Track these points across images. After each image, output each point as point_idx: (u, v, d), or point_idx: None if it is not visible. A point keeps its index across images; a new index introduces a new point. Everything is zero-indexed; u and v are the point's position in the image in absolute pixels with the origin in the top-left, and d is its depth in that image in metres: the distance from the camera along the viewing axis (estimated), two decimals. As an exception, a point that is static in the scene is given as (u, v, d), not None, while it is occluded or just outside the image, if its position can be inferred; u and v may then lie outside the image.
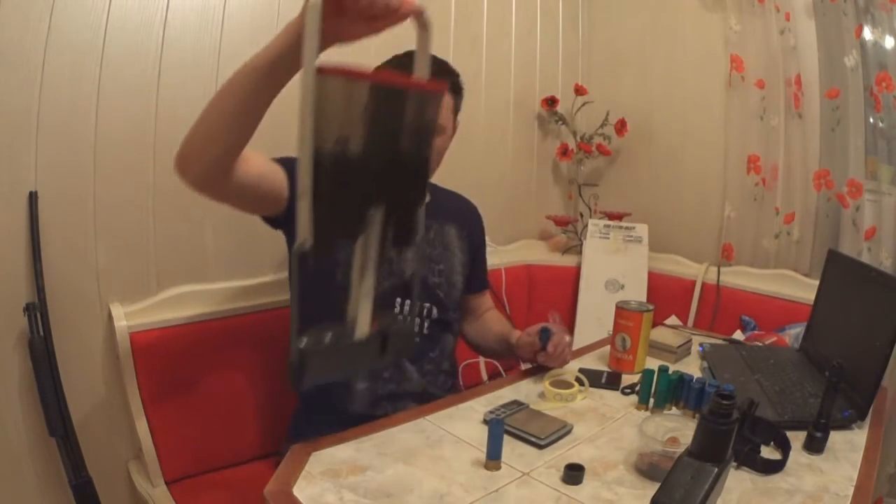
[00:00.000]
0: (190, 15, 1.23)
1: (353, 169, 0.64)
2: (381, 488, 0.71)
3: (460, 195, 1.30)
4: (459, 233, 1.22)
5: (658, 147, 2.02)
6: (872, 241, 1.56)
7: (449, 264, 1.18)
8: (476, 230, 1.29)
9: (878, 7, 1.52)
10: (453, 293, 1.18)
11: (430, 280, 1.14)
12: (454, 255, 1.19)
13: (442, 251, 1.17)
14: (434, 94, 0.73)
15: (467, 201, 1.31)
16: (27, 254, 1.08)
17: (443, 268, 1.16)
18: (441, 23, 1.73)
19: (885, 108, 1.50)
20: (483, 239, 1.33)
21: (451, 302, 1.18)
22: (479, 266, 1.30)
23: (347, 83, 0.61)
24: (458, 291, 1.20)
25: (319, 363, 0.66)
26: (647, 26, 2.02)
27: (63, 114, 1.10)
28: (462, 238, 1.22)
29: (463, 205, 1.29)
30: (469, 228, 1.26)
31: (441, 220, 1.18)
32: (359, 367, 0.71)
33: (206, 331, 1.23)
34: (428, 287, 1.14)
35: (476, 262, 1.27)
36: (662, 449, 0.74)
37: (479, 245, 1.30)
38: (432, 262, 1.15)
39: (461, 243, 1.22)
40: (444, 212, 1.19)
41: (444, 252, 1.17)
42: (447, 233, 1.19)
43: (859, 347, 0.99)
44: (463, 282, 1.21)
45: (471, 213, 1.31)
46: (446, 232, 1.19)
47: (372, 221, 0.69)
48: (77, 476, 1.11)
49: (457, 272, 1.19)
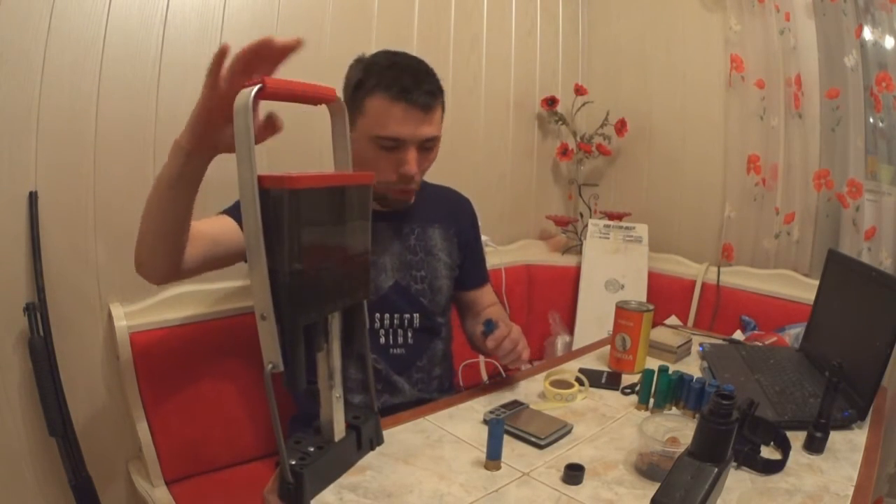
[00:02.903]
0: (190, 15, 1.23)
1: (311, 280, 0.64)
2: (381, 488, 0.71)
3: (449, 189, 1.25)
4: (445, 233, 1.18)
5: (658, 147, 2.02)
6: (872, 241, 1.56)
7: (431, 269, 1.14)
8: (466, 225, 1.23)
9: (878, 7, 1.52)
10: (438, 298, 1.14)
11: (413, 288, 1.11)
12: (438, 259, 1.15)
13: (424, 256, 1.14)
14: (366, 185, 0.74)
15: (456, 196, 1.26)
16: (27, 254, 1.08)
17: (424, 274, 1.13)
18: (441, 23, 1.73)
19: (885, 108, 1.50)
20: (476, 233, 1.27)
21: (436, 307, 1.14)
22: (473, 261, 1.24)
23: (287, 191, 0.60)
24: (444, 296, 1.16)
25: (313, 476, 0.68)
26: (647, 26, 2.02)
27: (63, 114, 1.10)
28: (448, 238, 1.18)
29: (451, 201, 1.24)
30: (457, 226, 1.21)
31: (424, 222, 1.15)
32: (343, 467, 0.75)
33: (206, 331, 1.23)
34: (410, 295, 1.10)
35: (469, 257, 1.23)
36: (662, 449, 0.74)
37: (471, 240, 1.25)
38: (413, 270, 1.12)
39: (447, 244, 1.17)
40: (427, 213, 1.16)
41: (426, 257, 1.14)
42: (430, 236, 1.15)
43: (859, 347, 0.99)
44: (451, 284, 1.18)
45: (460, 208, 1.25)
46: (429, 236, 1.15)
47: (331, 329, 0.72)
48: (77, 476, 1.11)
49: (441, 276, 1.15)
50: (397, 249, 1.11)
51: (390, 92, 0.96)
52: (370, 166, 1.00)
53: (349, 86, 1.02)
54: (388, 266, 1.09)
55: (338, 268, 0.69)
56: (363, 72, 1.00)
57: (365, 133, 0.99)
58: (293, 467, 0.66)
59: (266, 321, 0.61)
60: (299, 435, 0.74)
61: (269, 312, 0.60)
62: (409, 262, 1.12)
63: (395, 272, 1.10)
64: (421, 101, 0.97)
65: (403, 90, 0.96)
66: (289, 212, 0.60)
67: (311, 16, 1.42)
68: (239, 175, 0.59)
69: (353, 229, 0.72)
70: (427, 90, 0.98)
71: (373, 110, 0.98)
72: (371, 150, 1.00)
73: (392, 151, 1.00)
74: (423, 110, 0.98)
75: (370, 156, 1.00)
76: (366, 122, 0.99)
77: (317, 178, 0.64)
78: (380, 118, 0.97)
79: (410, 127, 0.98)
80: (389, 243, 1.10)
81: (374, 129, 0.98)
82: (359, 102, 0.99)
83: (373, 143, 0.99)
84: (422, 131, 0.99)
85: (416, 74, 0.99)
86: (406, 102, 0.96)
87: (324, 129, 0.78)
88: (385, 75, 0.97)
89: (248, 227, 0.59)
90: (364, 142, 1.00)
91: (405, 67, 0.99)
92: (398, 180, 1.02)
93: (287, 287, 0.61)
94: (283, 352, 0.62)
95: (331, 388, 0.73)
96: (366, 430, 0.79)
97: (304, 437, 0.73)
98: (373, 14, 1.55)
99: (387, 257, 1.10)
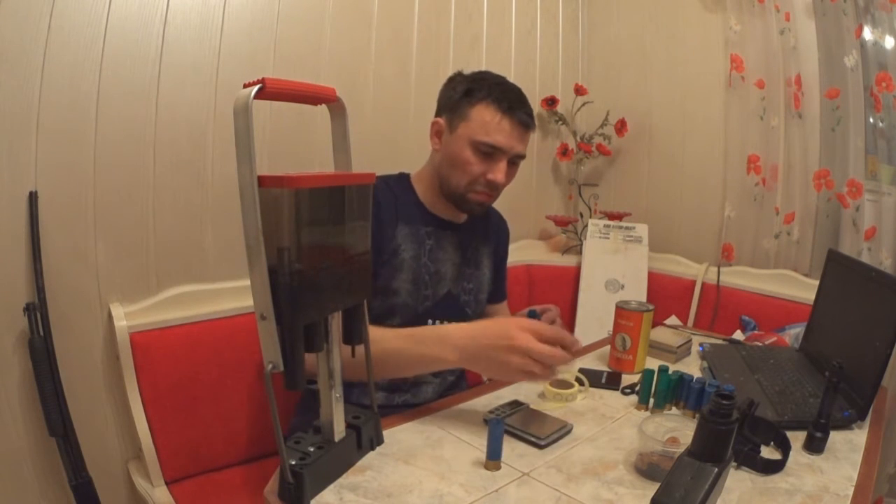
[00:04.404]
0: (190, 15, 1.23)
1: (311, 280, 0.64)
2: (381, 488, 0.71)
3: (493, 208, 1.30)
4: (490, 250, 1.25)
5: (658, 147, 2.02)
6: (872, 241, 1.56)
7: (478, 282, 1.21)
8: (502, 244, 1.32)
9: (878, 7, 1.52)
10: (479, 309, 1.22)
11: (462, 298, 1.17)
12: (483, 273, 1.23)
13: (474, 270, 1.20)
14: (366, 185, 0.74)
15: (498, 216, 1.33)
16: (27, 254, 1.08)
17: (473, 286, 1.19)
18: (441, 23, 1.73)
19: (885, 108, 1.50)
20: (507, 251, 1.35)
21: (476, 317, 1.20)
22: (500, 277, 1.33)
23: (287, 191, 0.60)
24: (483, 306, 1.24)
25: (313, 476, 0.68)
26: (646, 26, 2.02)
27: (63, 114, 1.10)
28: (490, 255, 1.26)
29: (495, 220, 1.32)
30: (498, 244, 1.29)
31: (478, 241, 1.22)
32: (343, 467, 0.75)
33: (206, 331, 1.23)
34: (459, 305, 1.17)
35: (498, 273, 1.31)
36: (662, 449, 0.74)
37: (503, 257, 1.33)
38: (465, 281, 1.18)
39: (489, 261, 1.25)
40: (482, 229, 1.23)
41: (475, 271, 1.21)
42: (480, 252, 1.23)
43: (859, 347, 0.99)
44: (486, 298, 1.25)
45: (501, 227, 1.33)
46: (480, 251, 1.22)
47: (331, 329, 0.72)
48: (77, 476, 1.11)
49: (484, 290, 1.23)
50: (457, 260, 1.16)
51: (501, 105, 1.04)
52: (462, 167, 1.06)
53: (455, 92, 1.08)
54: (447, 275, 1.14)
55: (338, 268, 0.69)
56: (472, 83, 1.07)
57: (467, 136, 1.05)
58: (293, 467, 0.66)
59: (266, 321, 0.61)
60: (299, 435, 0.74)
61: (269, 312, 0.60)
62: (463, 274, 1.17)
63: (451, 282, 1.15)
64: (524, 120, 1.06)
65: (511, 107, 1.04)
66: (289, 212, 0.60)
67: (311, 16, 1.42)
68: (239, 175, 0.59)
69: (353, 229, 0.72)
70: (529, 112, 1.07)
71: (480, 117, 1.04)
72: (468, 152, 1.05)
73: (486, 157, 1.05)
74: (524, 128, 1.07)
75: (465, 157, 1.05)
76: (470, 126, 1.05)
77: (317, 178, 0.64)
78: (486, 125, 1.04)
79: (511, 140, 1.05)
80: (453, 254, 1.15)
81: (478, 135, 1.04)
82: (465, 108, 1.06)
83: (472, 146, 1.05)
84: (518, 147, 1.07)
85: (520, 96, 1.07)
86: (512, 117, 1.04)
87: (324, 129, 0.78)
88: (495, 90, 1.05)
89: (248, 227, 0.59)
90: (463, 143, 1.05)
91: (512, 87, 1.08)
92: (485, 184, 1.08)
93: (287, 287, 0.61)
94: (283, 352, 0.62)
95: (331, 388, 0.73)
96: (366, 430, 0.78)
97: (304, 437, 0.73)
98: (373, 14, 1.55)
99: (449, 267, 1.14)
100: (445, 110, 1.10)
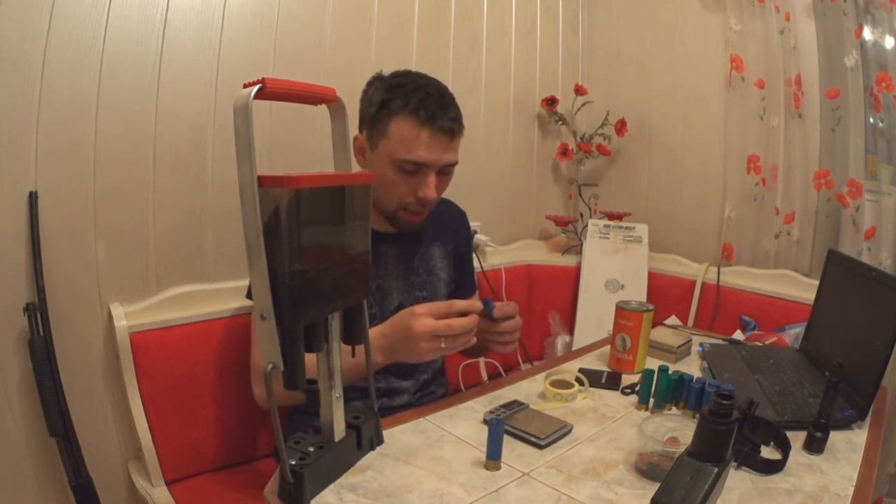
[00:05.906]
0: (190, 14, 1.23)
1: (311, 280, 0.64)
2: (381, 488, 0.71)
3: (447, 202, 1.25)
4: (444, 251, 1.19)
5: (658, 147, 2.02)
6: (872, 241, 1.56)
7: (432, 288, 1.16)
8: (461, 238, 1.26)
9: (878, 7, 1.52)
10: None
11: None
12: (438, 278, 1.18)
13: (426, 277, 1.15)
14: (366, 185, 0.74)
15: (454, 210, 1.27)
16: (27, 254, 1.08)
17: (426, 294, 1.15)
18: (441, 23, 1.73)
19: (885, 108, 1.50)
20: (469, 244, 1.29)
21: None
22: (464, 272, 1.26)
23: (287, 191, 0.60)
24: None
25: (313, 476, 0.68)
26: (646, 26, 2.02)
27: (63, 113, 1.10)
28: (446, 255, 1.20)
29: (449, 216, 1.25)
30: (455, 242, 1.23)
31: (426, 243, 1.16)
32: (343, 467, 0.75)
33: (206, 331, 1.23)
34: None
35: (461, 268, 1.25)
36: (662, 449, 0.74)
37: (465, 251, 1.27)
38: (416, 290, 1.14)
39: (445, 262, 1.20)
40: (429, 232, 1.16)
41: (427, 277, 1.16)
42: (431, 256, 1.17)
43: (859, 347, 0.99)
44: (448, 296, 1.20)
45: (458, 224, 1.27)
46: (430, 255, 1.17)
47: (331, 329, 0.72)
48: (77, 476, 1.11)
49: (440, 294, 1.18)
50: (402, 272, 1.12)
51: (419, 115, 0.95)
52: (388, 187, 1.00)
53: (371, 104, 1.00)
54: (393, 289, 1.11)
55: (338, 268, 0.69)
56: (387, 92, 0.98)
57: (387, 155, 0.98)
58: (293, 467, 0.66)
59: (266, 321, 0.61)
60: (299, 435, 0.74)
61: (269, 312, 0.60)
62: (413, 283, 1.13)
63: (400, 294, 1.11)
64: (447, 128, 0.97)
65: (431, 116, 0.95)
66: (289, 212, 0.60)
67: (311, 16, 1.42)
68: (239, 175, 0.59)
69: (353, 229, 0.72)
70: (453, 116, 0.98)
71: (398, 132, 0.97)
72: (391, 172, 0.99)
73: (412, 175, 0.99)
74: (448, 137, 0.98)
75: (389, 177, 0.99)
76: (390, 143, 0.98)
77: (317, 178, 0.64)
78: (405, 141, 0.96)
79: (435, 153, 0.97)
80: (395, 267, 1.11)
81: (399, 153, 0.97)
82: (383, 122, 0.98)
83: (394, 165, 0.98)
84: (445, 157, 1.00)
85: (442, 99, 0.98)
86: (433, 128, 0.96)
87: (324, 129, 0.78)
88: (411, 98, 0.96)
89: (248, 227, 0.59)
90: (385, 163, 0.99)
91: (431, 92, 0.98)
92: (415, 202, 1.02)
93: (287, 287, 0.61)
94: (283, 352, 0.62)
95: (331, 388, 0.73)
96: (366, 430, 0.79)
97: (304, 437, 0.73)
98: (373, 14, 1.55)
99: (392, 281, 1.11)
100: (365, 124, 1.02)
